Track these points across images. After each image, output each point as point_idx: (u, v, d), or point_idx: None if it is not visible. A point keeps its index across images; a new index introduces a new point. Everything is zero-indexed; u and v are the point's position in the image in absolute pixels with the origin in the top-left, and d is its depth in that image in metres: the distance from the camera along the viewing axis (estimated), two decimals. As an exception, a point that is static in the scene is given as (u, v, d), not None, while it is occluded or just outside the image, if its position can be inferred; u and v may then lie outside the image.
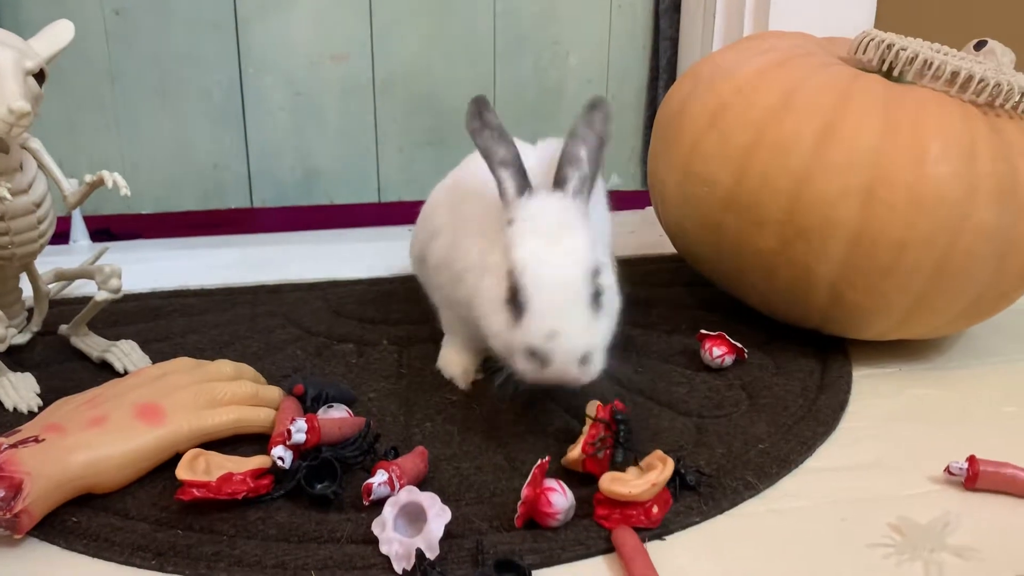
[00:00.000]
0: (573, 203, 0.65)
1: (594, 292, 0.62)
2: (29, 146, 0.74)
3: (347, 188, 1.28)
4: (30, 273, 0.80)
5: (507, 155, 0.66)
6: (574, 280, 0.61)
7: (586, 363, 0.61)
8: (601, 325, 0.62)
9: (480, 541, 0.57)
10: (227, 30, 1.18)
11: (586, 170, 0.66)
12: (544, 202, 0.65)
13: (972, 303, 0.79)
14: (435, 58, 1.25)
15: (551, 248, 0.62)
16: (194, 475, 0.59)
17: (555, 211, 0.64)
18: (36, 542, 0.58)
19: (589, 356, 0.61)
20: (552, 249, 0.62)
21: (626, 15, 1.30)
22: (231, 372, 0.72)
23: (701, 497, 0.62)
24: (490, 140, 0.67)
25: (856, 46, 0.85)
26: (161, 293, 0.98)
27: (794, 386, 0.78)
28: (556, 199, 0.65)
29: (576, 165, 0.65)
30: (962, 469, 0.65)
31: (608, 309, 0.64)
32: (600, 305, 0.62)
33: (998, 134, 0.76)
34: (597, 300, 0.62)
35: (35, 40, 0.69)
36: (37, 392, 0.74)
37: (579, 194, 0.65)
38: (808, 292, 0.80)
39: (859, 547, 0.59)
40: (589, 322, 0.61)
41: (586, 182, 0.66)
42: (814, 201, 0.75)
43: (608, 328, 0.63)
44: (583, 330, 0.61)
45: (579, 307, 0.61)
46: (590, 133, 0.66)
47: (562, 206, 0.64)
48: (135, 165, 1.21)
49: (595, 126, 0.66)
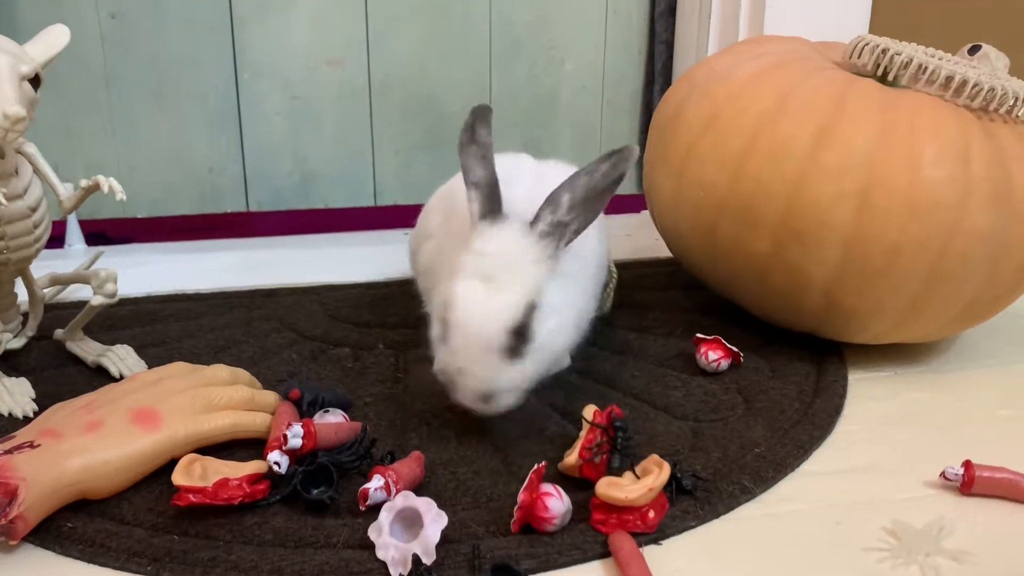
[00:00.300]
0: (532, 243, 0.64)
1: (515, 341, 0.63)
2: (24, 151, 0.74)
3: (343, 192, 1.28)
4: (25, 278, 0.80)
5: (482, 177, 0.67)
6: (489, 333, 0.62)
7: (488, 401, 0.64)
8: (516, 370, 0.64)
9: (477, 546, 0.57)
10: (223, 34, 1.18)
11: (563, 217, 0.65)
12: (501, 236, 0.65)
13: (967, 307, 0.79)
14: (431, 62, 1.25)
15: (482, 292, 0.63)
16: (190, 480, 0.59)
17: (507, 249, 0.64)
18: (31, 548, 0.58)
19: (491, 396, 0.64)
20: (482, 294, 0.63)
21: (621, 20, 1.30)
22: (227, 377, 0.72)
23: (697, 501, 0.62)
24: (471, 157, 0.68)
25: (851, 50, 0.85)
26: (157, 297, 0.97)
27: (790, 390, 0.79)
28: (516, 235, 0.64)
29: (552, 209, 0.64)
30: (958, 474, 0.65)
31: (537, 355, 0.65)
32: (521, 353, 0.63)
33: (992, 138, 0.76)
34: (518, 348, 0.63)
35: (30, 45, 0.69)
36: (32, 397, 0.74)
37: (548, 237, 0.64)
38: (803, 296, 0.80)
39: (855, 551, 0.59)
40: (498, 368, 0.63)
41: (560, 228, 0.65)
42: (809, 205, 0.75)
43: (529, 371, 0.65)
44: (488, 374, 0.63)
45: (489, 355, 0.63)
46: (584, 180, 0.65)
47: (518, 245, 0.64)
48: (131, 169, 1.20)
49: (595, 174, 0.65)
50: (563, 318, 0.67)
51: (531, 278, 0.64)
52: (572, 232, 0.66)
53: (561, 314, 0.67)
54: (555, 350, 0.67)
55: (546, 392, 0.76)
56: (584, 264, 0.72)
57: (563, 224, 0.65)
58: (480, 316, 0.62)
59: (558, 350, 0.68)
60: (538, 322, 0.64)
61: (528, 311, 0.63)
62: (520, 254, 0.64)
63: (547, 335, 0.65)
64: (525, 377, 0.65)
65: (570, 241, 0.66)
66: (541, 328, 0.65)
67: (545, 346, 0.65)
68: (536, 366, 0.65)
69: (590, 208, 0.66)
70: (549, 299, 0.65)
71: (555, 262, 0.65)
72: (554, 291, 0.65)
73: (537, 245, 0.64)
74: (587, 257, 0.73)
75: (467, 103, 1.27)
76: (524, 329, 0.63)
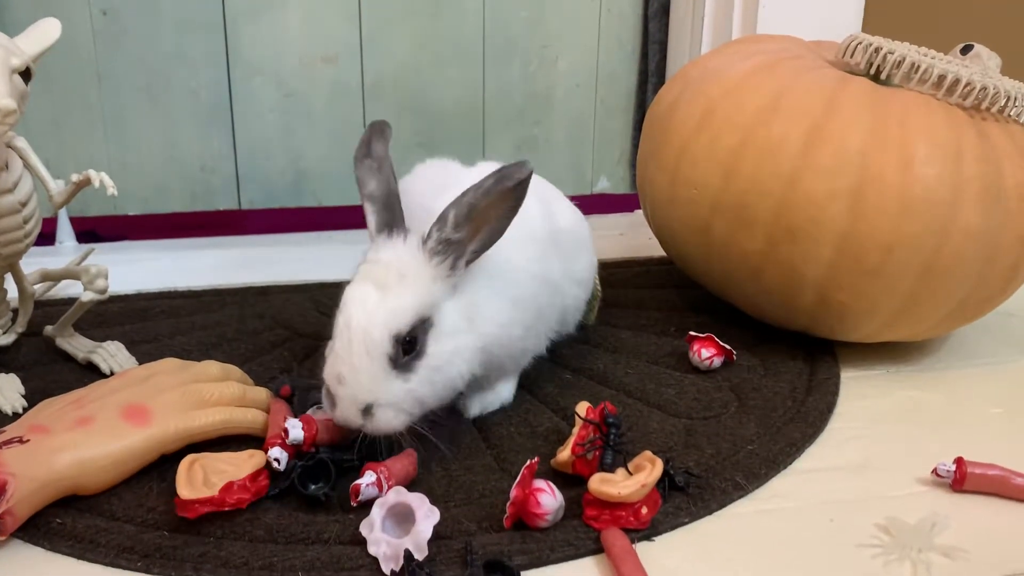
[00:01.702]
0: (424, 259, 0.63)
1: (399, 352, 0.61)
2: (15, 144, 0.74)
3: (336, 190, 1.28)
4: (15, 273, 0.79)
5: (376, 190, 0.66)
6: (373, 337, 0.60)
7: (367, 415, 0.61)
8: (401, 386, 0.61)
9: (469, 542, 0.57)
10: (216, 31, 1.18)
11: (450, 234, 0.62)
12: (396, 249, 0.63)
13: (959, 305, 0.79)
14: (424, 61, 1.25)
15: (374, 296, 0.61)
16: (195, 490, 0.58)
17: (401, 260, 0.62)
18: (20, 544, 0.58)
19: (370, 409, 0.61)
20: (373, 298, 0.61)
21: (615, 19, 1.30)
22: (218, 373, 0.71)
23: (690, 498, 0.62)
24: (366, 171, 0.67)
25: (844, 49, 0.86)
26: (148, 294, 0.97)
27: (782, 388, 0.79)
28: (411, 249, 0.63)
29: (440, 226, 0.62)
30: (950, 471, 0.65)
31: (428, 375, 0.62)
32: (408, 367, 0.61)
33: (984, 137, 0.76)
34: (405, 361, 0.61)
35: (21, 38, 0.69)
36: (22, 393, 0.74)
37: (439, 255, 0.62)
38: (796, 294, 0.80)
39: (847, 547, 0.59)
40: (379, 378, 0.60)
41: (451, 247, 0.62)
42: (802, 203, 0.76)
43: (417, 392, 0.62)
44: (368, 383, 0.60)
45: (371, 362, 0.60)
46: (469, 196, 0.62)
47: (413, 258, 0.62)
48: (122, 166, 1.20)
49: (479, 190, 0.62)
50: (462, 344, 0.64)
51: (424, 291, 0.62)
52: (471, 252, 0.64)
53: (459, 339, 0.64)
54: (450, 376, 0.64)
55: (539, 389, 0.77)
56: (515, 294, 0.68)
57: (452, 242, 0.62)
58: (366, 319, 0.60)
59: (454, 377, 0.64)
60: (433, 340, 0.62)
61: (418, 323, 0.61)
62: (415, 267, 0.62)
63: (441, 356, 0.62)
64: (411, 397, 0.62)
65: (470, 261, 0.64)
66: (436, 347, 0.62)
67: (439, 368, 0.62)
68: (425, 388, 0.62)
69: (482, 225, 0.63)
70: (448, 320, 0.63)
71: (453, 282, 0.64)
72: (453, 313, 0.64)
73: (430, 261, 0.63)
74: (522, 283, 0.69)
75: (461, 101, 1.29)
76: (413, 341, 0.61)
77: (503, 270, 0.67)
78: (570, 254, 0.77)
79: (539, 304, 0.71)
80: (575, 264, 0.78)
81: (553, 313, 0.75)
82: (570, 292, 0.78)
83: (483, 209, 0.62)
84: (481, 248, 0.64)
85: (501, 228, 0.64)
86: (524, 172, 0.62)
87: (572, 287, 0.78)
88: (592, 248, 0.83)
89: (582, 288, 0.81)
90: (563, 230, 0.76)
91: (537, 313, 0.71)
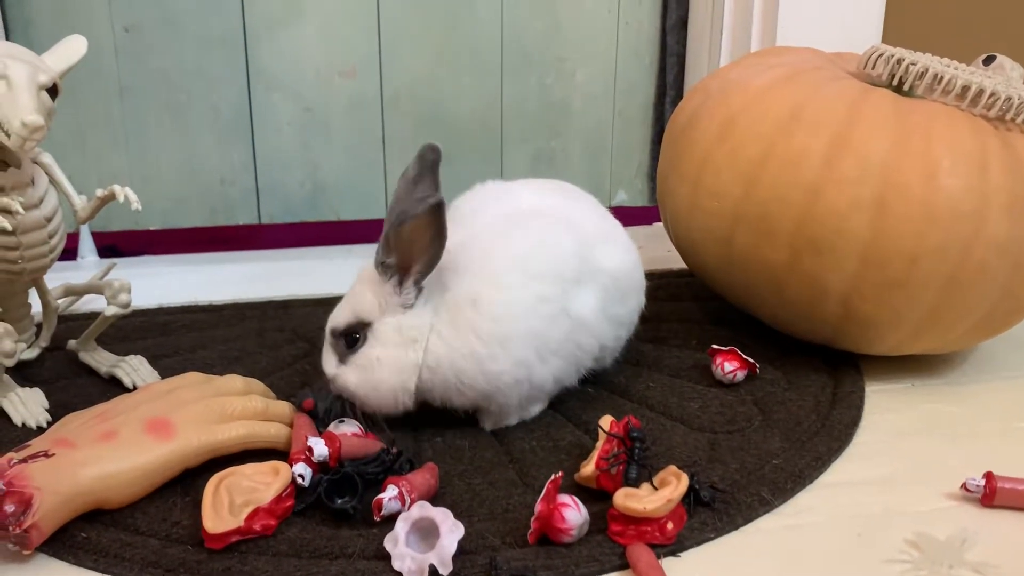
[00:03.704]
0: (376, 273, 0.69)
1: (335, 342, 0.70)
2: (41, 160, 0.74)
3: (355, 204, 1.28)
4: (39, 288, 0.80)
5: None
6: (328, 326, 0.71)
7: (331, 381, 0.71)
8: (340, 369, 0.70)
9: (493, 557, 0.56)
10: (236, 46, 1.18)
11: (383, 258, 0.68)
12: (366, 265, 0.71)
13: (984, 317, 0.78)
14: (443, 74, 1.25)
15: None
16: (220, 519, 0.57)
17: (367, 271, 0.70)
18: (45, 558, 0.58)
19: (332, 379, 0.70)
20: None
21: (633, 32, 1.30)
22: (241, 387, 0.71)
23: (715, 513, 0.62)
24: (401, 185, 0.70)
25: (865, 61, 0.85)
26: (169, 309, 0.97)
27: (807, 401, 0.78)
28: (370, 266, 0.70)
29: (377, 250, 0.68)
30: (979, 486, 0.64)
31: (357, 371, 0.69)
32: (343, 359, 0.70)
33: (1009, 148, 0.76)
34: (340, 351, 0.70)
35: (49, 55, 0.70)
36: (45, 407, 0.74)
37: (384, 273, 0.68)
38: (819, 305, 0.79)
39: (876, 563, 0.58)
40: (327, 357, 0.71)
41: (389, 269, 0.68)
42: (825, 214, 0.75)
43: (351, 380, 0.69)
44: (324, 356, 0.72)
45: (328, 343, 0.71)
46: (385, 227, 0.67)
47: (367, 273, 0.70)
48: (144, 181, 1.21)
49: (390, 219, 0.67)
50: (391, 355, 0.68)
51: (365, 300, 0.69)
52: (416, 273, 0.68)
53: (388, 351, 0.68)
54: (377, 378, 0.68)
55: (560, 402, 0.76)
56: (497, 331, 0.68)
57: (387, 265, 0.68)
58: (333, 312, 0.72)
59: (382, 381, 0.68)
60: (367, 344, 0.69)
61: (353, 324, 0.69)
62: (363, 279, 0.70)
63: (366, 357, 0.69)
64: (345, 382, 0.69)
65: (418, 282, 0.68)
66: (366, 350, 0.69)
67: (364, 367, 0.69)
68: (351, 378, 0.69)
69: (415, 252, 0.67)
70: (384, 331, 0.68)
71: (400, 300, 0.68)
72: (391, 328, 0.68)
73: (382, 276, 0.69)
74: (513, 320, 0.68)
75: (479, 114, 1.29)
76: (348, 337, 0.69)
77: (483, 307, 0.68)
78: (613, 295, 0.74)
79: (546, 342, 0.69)
80: (619, 306, 0.76)
81: (580, 353, 0.73)
82: (610, 333, 0.76)
83: (402, 237, 0.66)
84: (424, 269, 0.68)
85: (434, 255, 0.67)
86: (435, 199, 0.65)
87: (612, 328, 0.76)
88: (642, 289, 0.81)
89: (624, 329, 0.79)
90: (605, 270, 0.74)
91: (540, 352, 0.69)
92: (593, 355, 0.75)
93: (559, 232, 0.72)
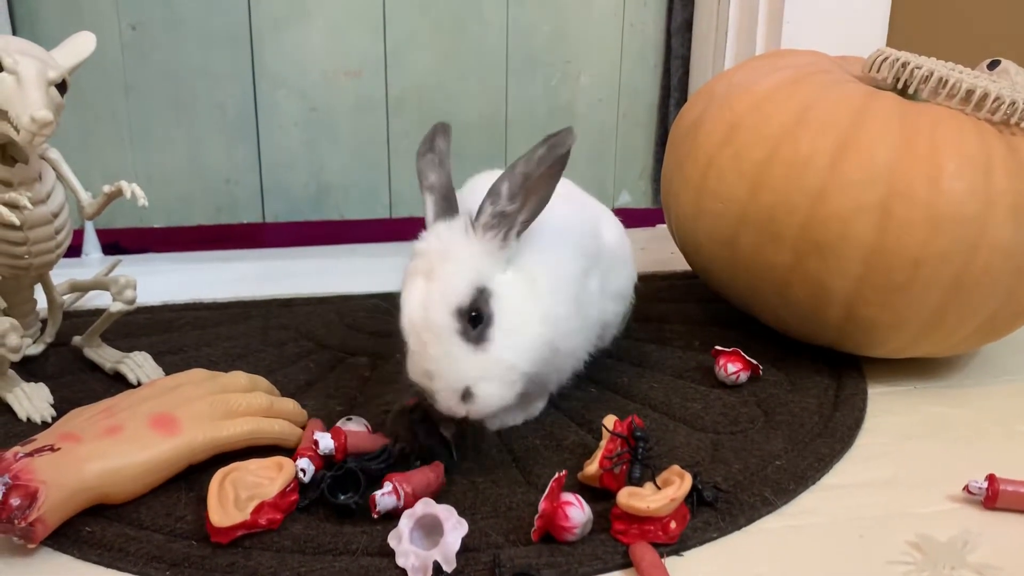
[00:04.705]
0: (475, 236, 0.64)
1: (467, 324, 0.61)
2: (48, 156, 0.75)
3: (359, 203, 1.28)
4: (45, 284, 0.80)
5: (436, 181, 0.68)
6: (433, 319, 0.61)
7: (469, 398, 0.62)
8: (485, 357, 0.62)
9: (497, 555, 0.56)
10: (242, 45, 1.19)
11: (505, 206, 0.63)
12: (440, 232, 0.65)
13: (988, 320, 0.79)
14: (448, 75, 1.26)
15: (422, 287, 0.62)
16: (226, 513, 0.58)
17: (444, 241, 0.64)
18: (50, 552, 0.58)
19: (469, 391, 0.62)
20: (422, 289, 0.62)
21: (638, 35, 1.31)
22: (246, 383, 0.71)
23: (719, 513, 0.62)
24: (428, 164, 0.69)
25: (870, 64, 0.85)
26: (174, 306, 0.98)
27: (809, 403, 0.78)
28: (453, 229, 0.64)
29: (493, 199, 0.64)
30: (981, 488, 0.64)
31: (509, 340, 0.63)
32: (484, 336, 0.62)
33: (1013, 152, 0.76)
34: (477, 331, 0.62)
35: (58, 51, 0.70)
36: (50, 403, 0.74)
37: (492, 229, 0.63)
38: (823, 308, 0.79)
39: (878, 564, 0.58)
40: (458, 355, 0.61)
41: (504, 219, 0.64)
42: (830, 217, 0.75)
43: (507, 358, 0.63)
44: (455, 367, 0.61)
45: (443, 343, 0.61)
46: (521, 166, 0.64)
47: (457, 238, 0.64)
48: (148, 178, 1.21)
49: (531, 160, 0.63)
50: (528, 307, 0.64)
51: (471, 264, 0.63)
52: (521, 223, 0.65)
53: (525, 303, 0.64)
54: (530, 339, 0.64)
55: (564, 403, 0.76)
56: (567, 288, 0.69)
57: (506, 214, 0.64)
58: (421, 307, 0.62)
59: (534, 340, 0.64)
60: (497, 306, 0.63)
61: (476, 294, 0.62)
62: (458, 245, 0.63)
63: (512, 318, 0.63)
64: (500, 366, 0.62)
65: (520, 232, 0.65)
66: (503, 311, 0.63)
67: (513, 329, 0.63)
68: (508, 353, 0.62)
69: (533, 195, 0.65)
70: (508, 287, 0.64)
71: (506, 255, 0.64)
72: (513, 281, 0.64)
73: (482, 237, 0.63)
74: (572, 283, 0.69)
75: (484, 116, 1.29)
76: (477, 311, 0.62)
77: (559, 266, 0.68)
78: (610, 269, 0.77)
79: (584, 310, 0.71)
80: (615, 279, 0.79)
81: (592, 327, 0.75)
82: (609, 308, 0.78)
83: (535, 179, 0.64)
84: (530, 217, 0.65)
85: (547, 196, 0.65)
86: (572, 138, 0.64)
87: (610, 302, 0.78)
88: (632, 262, 0.83)
89: (621, 302, 0.81)
90: (608, 249, 0.77)
91: (583, 318, 0.71)
92: (596, 332, 0.77)
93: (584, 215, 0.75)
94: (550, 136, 0.64)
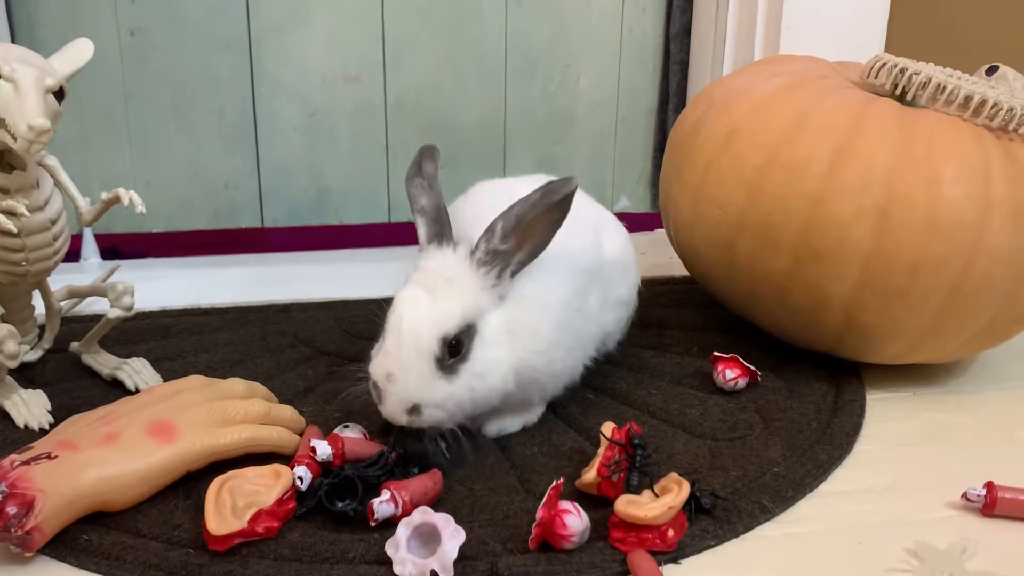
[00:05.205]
0: (470, 268, 0.65)
1: (446, 354, 0.63)
2: (46, 163, 0.75)
3: (358, 208, 1.28)
4: (43, 290, 0.80)
5: (426, 204, 0.69)
6: (422, 337, 0.63)
7: (415, 412, 0.63)
8: (445, 387, 0.63)
9: (494, 563, 0.56)
10: (240, 50, 1.19)
11: (498, 245, 0.64)
12: (446, 257, 0.66)
13: (986, 326, 0.79)
14: (447, 80, 1.26)
15: (424, 299, 0.64)
16: (223, 521, 0.58)
17: (450, 268, 0.65)
18: (47, 560, 0.58)
19: (418, 407, 0.63)
20: (424, 301, 0.64)
21: (636, 39, 1.31)
22: (243, 390, 0.71)
23: (716, 520, 0.62)
24: (417, 188, 0.70)
25: (868, 70, 0.85)
26: (172, 312, 0.98)
27: (808, 409, 0.78)
28: (459, 258, 0.66)
29: (488, 237, 0.65)
30: (980, 495, 0.64)
31: (470, 381, 0.64)
32: (453, 370, 0.63)
33: (1012, 158, 0.76)
34: (451, 363, 0.63)
35: (55, 58, 0.70)
36: (48, 409, 0.74)
37: (486, 265, 0.65)
38: (821, 314, 0.79)
39: (876, 571, 0.58)
40: (427, 379, 0.63)
41: (498, 257, 0.65)
42: (828, 223, 0.75)
43: (458, 395, 0.64)
44: (416, 382, 0.63)
45: (420, 361, 0.63)
46: (516, 208, 0.64)
47: (461, 266, 0.65)
48: (147, 183, 1.21)
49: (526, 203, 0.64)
50: (503, 355, 0.66)
51: (471, 299, 0.64)
52: (516, 263, 0.66)
53: (501, 350, 0.66)
54: (490, 385, 0.65)
55: (562, 408, 0.76)
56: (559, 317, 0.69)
57: (499, 252, 0.65)
58: (416, 320, 0.63)
59: (493, 386, 0.66)
60: (478, 347, 0.64)
61: (464, 328, 0.64)
62: (464, 275, 0.65)
63: (484, 363, 0.65)
64: (453, 399, 0.64)
65: (515, 272, 0.66)
66: (480, 354, 0.65)
67: (480, 375, 0.64)
68: (465, 393, 0.64)
69: (528, 237, 0.65)
70: (493, 329, 0.65)
71: (499, 292, 0.66)
72: (498, 324, 0.65)
73: (478, 271, 0.65)
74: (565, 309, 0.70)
75: (483, 120, 1.29)
76: (459, 345, 0.64)
77: (549, 292, 0.69)
78: (613, 278, 0.78)
79: (576, 330, 0.72)
80: (618, 288, 0.79)
81: (589, 341, 0.76)
82: (610, 316, 0.79)
83: (529, 221, 0.65)
84: (526, 259, 0.67)
85: (545, 240, 0.66)
86: (570, 187, 0.65)
87: (612, 311, 0.79)
88: (636, 267, 0.83)
89: (624, 309, 0.82)
90: (610, 261, 0.77)
91: (576, 338, 0.72)
92: (595, 343, 0.77)
93: (582, 230, 0.74)
94: (551, 182, 0.65)
